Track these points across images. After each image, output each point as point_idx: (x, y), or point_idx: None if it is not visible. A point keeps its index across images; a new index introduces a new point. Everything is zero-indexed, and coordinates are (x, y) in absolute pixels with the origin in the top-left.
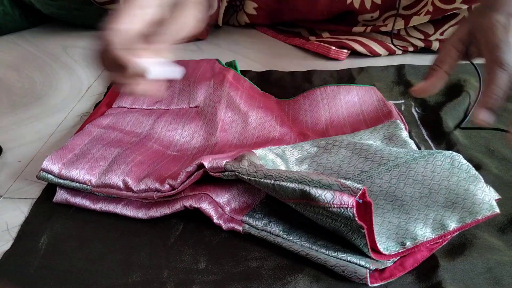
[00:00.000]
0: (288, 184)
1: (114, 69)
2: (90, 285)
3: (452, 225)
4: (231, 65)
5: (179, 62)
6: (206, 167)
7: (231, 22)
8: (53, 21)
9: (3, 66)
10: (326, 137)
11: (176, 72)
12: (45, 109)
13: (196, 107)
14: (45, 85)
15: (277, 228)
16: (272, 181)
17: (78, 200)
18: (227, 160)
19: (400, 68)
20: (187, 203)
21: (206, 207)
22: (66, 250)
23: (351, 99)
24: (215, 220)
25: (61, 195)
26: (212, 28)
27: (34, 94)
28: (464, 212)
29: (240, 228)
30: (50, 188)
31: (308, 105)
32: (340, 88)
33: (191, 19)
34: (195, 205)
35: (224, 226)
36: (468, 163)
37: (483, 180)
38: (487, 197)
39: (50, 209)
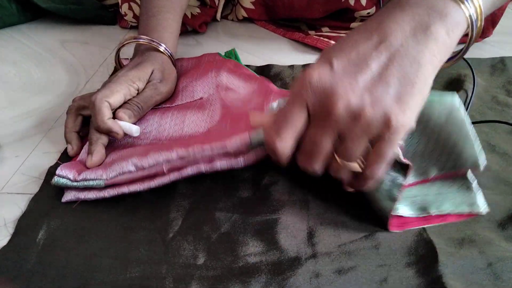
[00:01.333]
0: None
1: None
2: (88, 280)
3: (434, 173)
4: (231, 54)
5: (180, 60)
6: (229, 149)
7: (230, 18)
8: (51, 15)
9: (0, 60)
10: None
11: (134, 130)
12: (43, 104)
13: (200, 98)
14: (43, 80)
15: None
16: None
17: (86, 193)
18: (250, 133)
19: None
20: (201, 167)
21: (220, 165)
22: (63, 246)
23: None
24: (236, 166)
25: (69, 194)
26: (210, 22)
27: (32, 89)
28: (450, 163)
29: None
30: (48, 184)
31: None
32: None
33: (155, 94)
34: (209, 169)
35: (247, 162)
36: (464, 116)
37: (472, 139)
38: (473, 155)
39: (47, 204)
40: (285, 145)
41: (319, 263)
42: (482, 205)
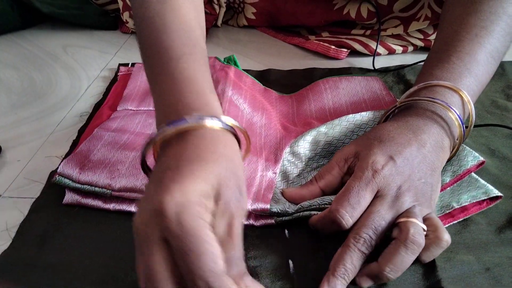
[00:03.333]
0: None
1: None
2: (88, 283)
3: (447, 179)
4: (231, 59)
5: None
6: (249, 208)
7: (230, 23)
8: (53, 21)
9: (2, 65)
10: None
11: None
12: (45, 108)
13: None
14: (44, 85)
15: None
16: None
17: (90, 201)
18: (270, 204)
19: (400, 68)
20: None
21: None
22: (65, 249)
23: (354, 88)
24: (245, 222)
25: (71, 197)
26: (211, 28)
27: (33, 94)
28: (455, 167)
29: (272, 221)
30: (50, 188)
31: (311, 96)
32: (343, 79)
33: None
34: None
35: (256, 224)
36: None
37: (465, 146)
38: (469, 153)
39: (49, 208)
40: (353, 222)
41: (318, 267)
42: (495, 190)
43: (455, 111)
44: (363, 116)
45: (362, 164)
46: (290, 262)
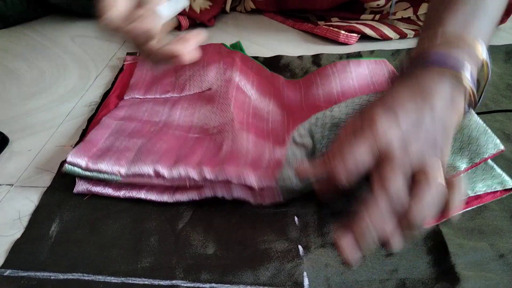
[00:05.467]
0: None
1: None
2: (100, 271)
3: (463, 166)
4: (237, 46)
5: None
6: (255, 186)
7: (238, 9)
8: (61, 11)
9: (12, 56)
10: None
11: (182, 2)
12: (54, 98)
13: (208, 89)
14: (53, 75)
15: None
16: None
17: (100, 189)
18: (278, 180)
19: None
20: (219, 193)
21: (238, 194)
22: (76, 237)
23: (362, 72)
24: (254, 202)
25: (81, 186)
26: (219, 14)
27: (43, 84)
28: (472, 154)
29: (281, 199)
30: (60, 177)
31: (319, 80)
32: (350, 62)
33: None
34: (228, 197)
35: (265, 203)
36: (476, 116)
37: (488, 129)
38: (490, 139)
39: (60, 197)
40: (347, 170)
41: (328, 254)
42: (511, 180)
43: (467, 70)
44: (371, 97)
45: (360, 117)
46: (300, 247)
